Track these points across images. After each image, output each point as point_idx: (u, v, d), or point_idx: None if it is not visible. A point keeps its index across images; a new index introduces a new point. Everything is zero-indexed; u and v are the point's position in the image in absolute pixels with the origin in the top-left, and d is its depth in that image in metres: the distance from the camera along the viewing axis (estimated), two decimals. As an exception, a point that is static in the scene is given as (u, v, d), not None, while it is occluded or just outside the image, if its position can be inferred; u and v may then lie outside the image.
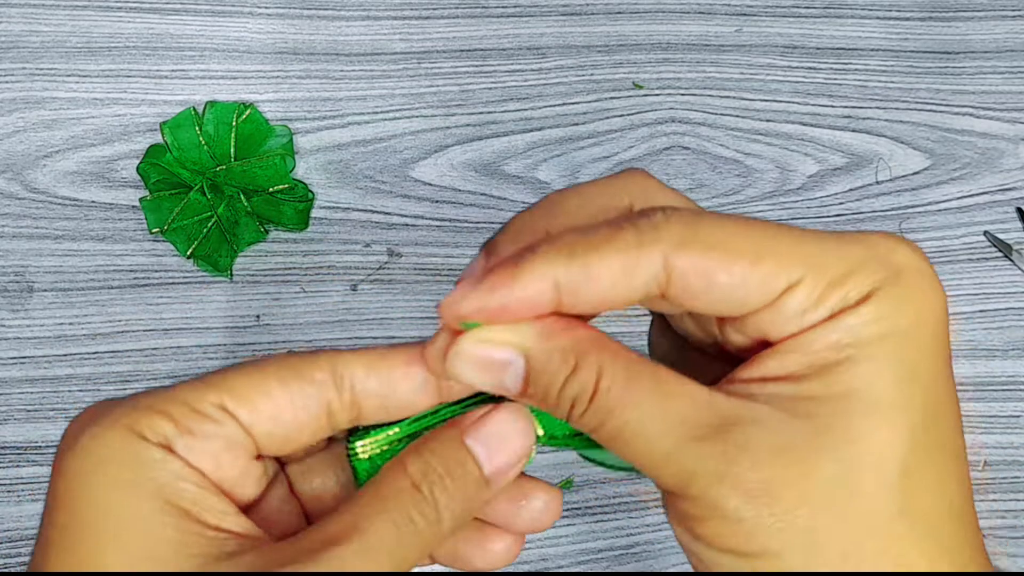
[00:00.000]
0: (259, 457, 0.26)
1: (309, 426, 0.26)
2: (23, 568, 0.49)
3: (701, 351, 0.28)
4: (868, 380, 0.22)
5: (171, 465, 0.23)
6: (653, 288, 0.23)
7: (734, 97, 0.57)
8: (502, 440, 0.25)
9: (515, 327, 0.24)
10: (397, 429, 0.26)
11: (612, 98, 0.57)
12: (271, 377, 0.24)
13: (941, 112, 0.57)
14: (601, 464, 0.27)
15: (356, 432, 0.26)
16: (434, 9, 0.58)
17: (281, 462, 0.28)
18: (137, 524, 0.22)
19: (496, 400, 0.26)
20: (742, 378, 0.24)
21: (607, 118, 0.56)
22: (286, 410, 0.25)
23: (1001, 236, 0.55)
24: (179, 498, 0.23)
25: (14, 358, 0.51)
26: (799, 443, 0.22)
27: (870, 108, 0.57)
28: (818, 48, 0.58)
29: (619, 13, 0.58)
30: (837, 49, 0.58)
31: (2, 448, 0.50)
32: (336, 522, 0.23)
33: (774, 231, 0.23)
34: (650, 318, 0.31)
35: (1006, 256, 0.55)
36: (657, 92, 0.57)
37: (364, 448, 0.26)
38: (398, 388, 0.25)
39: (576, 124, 0.56)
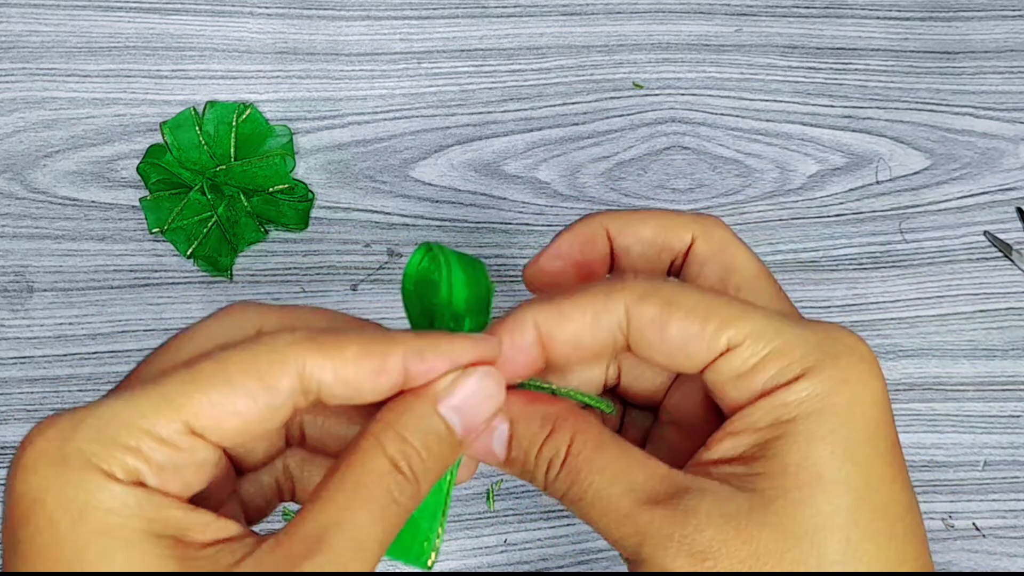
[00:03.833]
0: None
1: (275, 432, 0.27)
2: (23, 568, 0.49)
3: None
4: (804, 455, 0.25)
5: (151, 500, 0.23)
6: (618, 335, 0.26)
7: (734, 97, 0.57)
8: (475, 404, 0.25)
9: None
10: None
11: (612, 98, 0.57)
12: (239, 393, 0.23)
13: (941, 112, 0.57)
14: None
15: None
16: (434, 9, 0.58)
17: None
18: (138, 566, 0.22)
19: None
20: (700, 461, 0.26)
21: (607, 118, 0.56)
22: (254, 425, 0.24)
23: (1001, 236, 0.55)
24: (166, 528, 0.23)
25: (14, 358, 0.51)
26: (743, 513, 0.24)
27: (870, 108, 0.57)
28: (818, 48, 0.58)
29: (619, 13, 0.58)
30: (837, 49, 0.58)
31: (2, 448, 0.50)
32: (317, 518, 0.23)
33: (729, 300, 0.26)
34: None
35: (1006, 256, 0.55)
36: (657, 92, 0.57)
37: None
38: (363, 389, 0.24)
39: (576, 124, 0.56)
